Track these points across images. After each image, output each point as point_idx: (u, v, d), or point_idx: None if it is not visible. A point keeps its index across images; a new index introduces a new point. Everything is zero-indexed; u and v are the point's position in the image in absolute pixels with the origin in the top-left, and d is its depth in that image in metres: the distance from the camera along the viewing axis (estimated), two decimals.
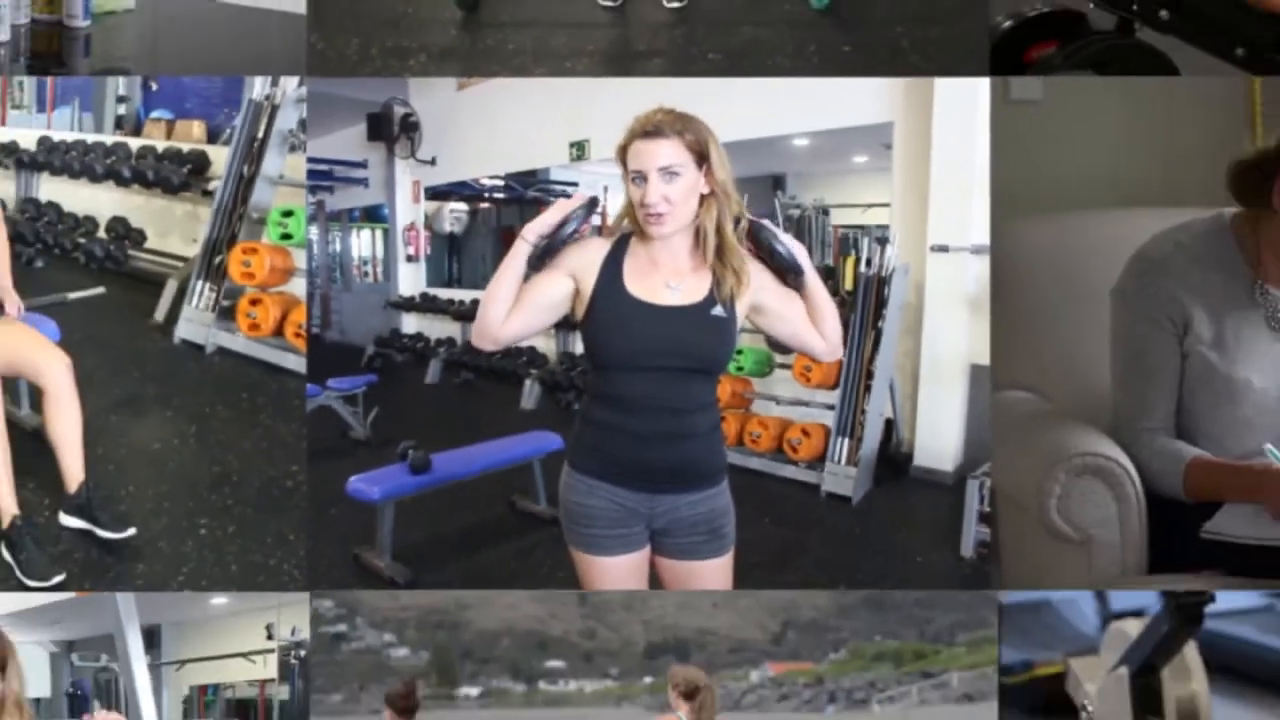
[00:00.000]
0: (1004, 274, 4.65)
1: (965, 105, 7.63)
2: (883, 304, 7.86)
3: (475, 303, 12.06)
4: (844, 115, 9.21)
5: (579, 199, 3.16)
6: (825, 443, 7.98)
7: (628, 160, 3.06)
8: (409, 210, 15.11)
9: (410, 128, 14.25)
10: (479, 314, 3.13)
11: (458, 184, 15.31)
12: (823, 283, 3.27)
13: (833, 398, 8.06)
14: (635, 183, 3.04)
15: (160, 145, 8.69)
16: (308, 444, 5.56)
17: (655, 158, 3.00)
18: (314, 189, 15.41)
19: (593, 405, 3.23)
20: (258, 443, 5.58)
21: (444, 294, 14.50)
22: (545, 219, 3.11)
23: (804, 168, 13.88)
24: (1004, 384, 4.57)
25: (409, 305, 14.65)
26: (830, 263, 12.11)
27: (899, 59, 5.51)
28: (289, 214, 7.00)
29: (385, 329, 14.66)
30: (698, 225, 3.09)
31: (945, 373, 8.17)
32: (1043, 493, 3.69)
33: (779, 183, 14.18)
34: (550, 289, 3.12)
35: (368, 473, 6.08)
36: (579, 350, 10.55)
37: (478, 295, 12.11)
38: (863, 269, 8.00)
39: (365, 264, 18.10)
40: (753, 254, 3.17)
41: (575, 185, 14.76)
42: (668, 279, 3.11)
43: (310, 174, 7.93)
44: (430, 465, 6.17)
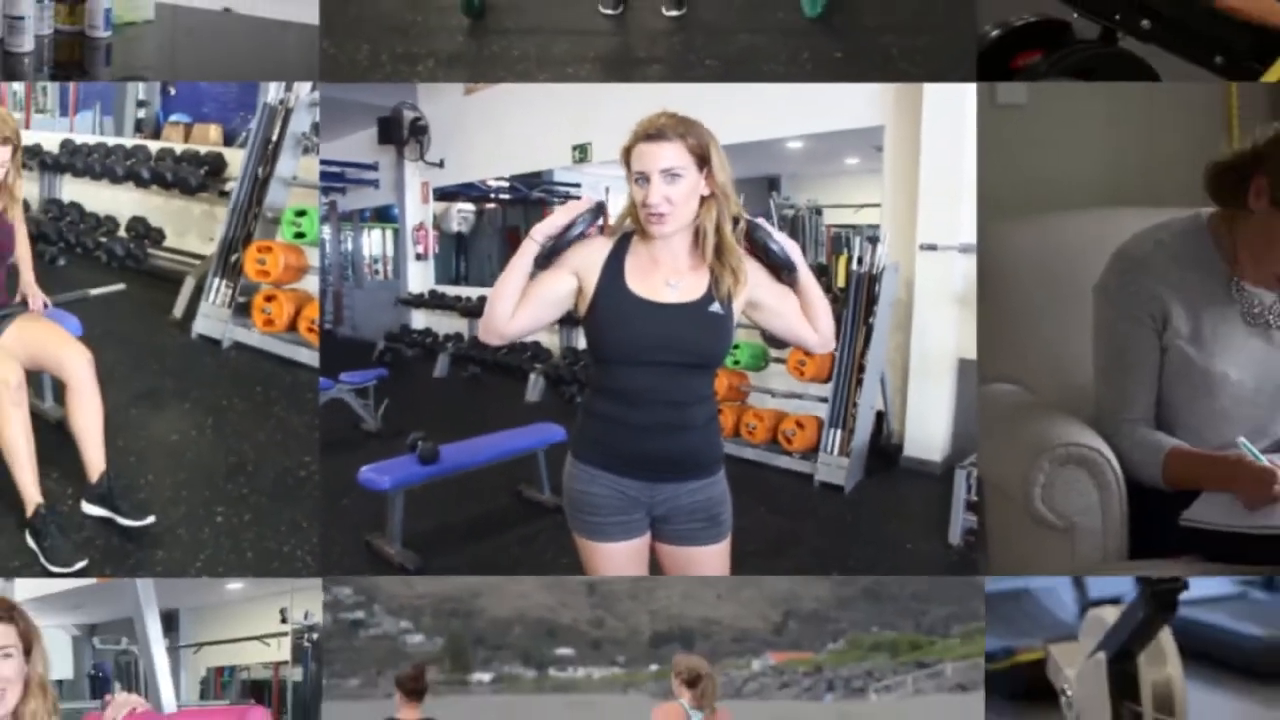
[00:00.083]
0: (990, 272, 4.65)
1: (953, 110, 7.64)
2: (874, 301, 7.87)
3: (482, 299, 12.08)
4: (836, 119, 9.21)
5: (586, 203, 3.18)
6: (818, 434, 7.98)
7: (631, 161, 3.06)
8: (418, 210, 15.11)
9: (419, 131, 14.25)
10: (487, 310, 3.14)
11: (465, 185, 15.30)
12: (816, 280, 3.28)
13: (826, 391, 8.07)
14: (638, 183, 3.05)
15: (178, 148, 8.68)
16: (320, 435, 5.57)
17: (658, 160, 3.01)
18: (327, 190, 15.39)
19: (595, 398, 3.25)
20: (272, 434, 5.58)
21: (451, 291, 14.50)
22: (553, 221, 3.13)
23: (798, 169, 13.84)
24: (990, 377, 4.57)
25: (418, 302, 14.65)
26: (823, 261, 12.10)
27: (889, 65, 5.52)
28: (302, 213, 7.00)
29: (395, 325, 14.66)
30: (697, 225, 3.09)
31: (934, 367, 8.18)
32: (1028, 482, 3.70)
33: (774, 184, 14.15)
34: (555, 286, 3.14)
35: (378, 463, 6.09)
36: (582, 345, 10.55)
37: (484, 292, 12.13)
38: (854, 267, 8.01)
39: (376, 262, 18.09)
40: (749, 252, 3.18)
41: (578, 187, 14.74)
42: (667, 277, 3.12)
43: (323, 175, 7.95)
44: (438, 456, 6.18)
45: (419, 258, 15.26)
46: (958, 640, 12.40)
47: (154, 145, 8.88)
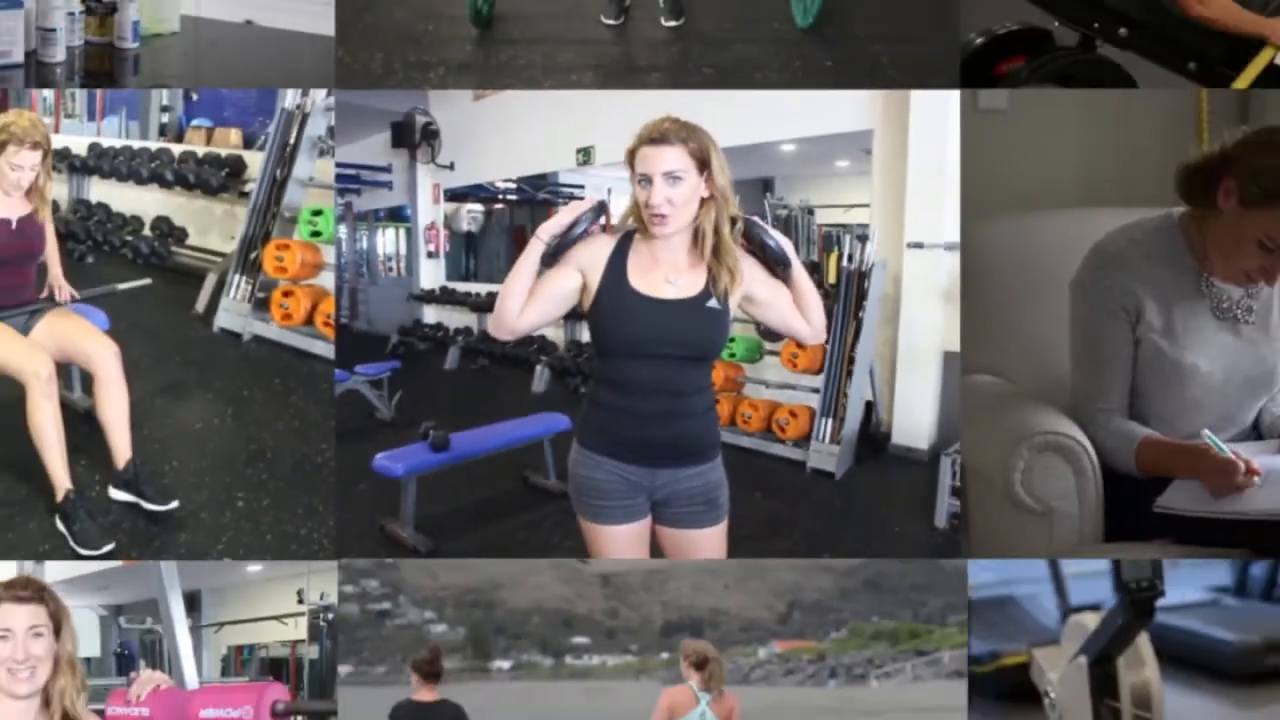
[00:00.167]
0: (973, 269, 4.67)
1: (938, 115, 7.63)
2: (863, 296, 7.87)
3: (491, 295, 12.08)
4: (827, 123, 9.20)
5: (588, 202, 3.20)
6: (810, 423, 7.98)
7: (635, 164, 3.08)
8: (429, 211, 15.09)
9: (430, 135, 14.22)
10: (497, 307, 3.16)
11: (474, 186, 15.28)
12: (808, 275, 3.30)
13: (817, 382, 8.07)
14: (641, 185, 3.07)
15: (200, 151, 8.70)
16: (336, 424, 5.58)
17: (661, 163, 3.03)
18: (343, 191, 15.37)
19: (599, 389, 3.26)
20: (290, 423, 5.60)
21: (462, 287, 14.49)
22: (558, 220, 3.14)
23: (791, 171, 13.83)
24: (973, 369, 4.59)
25: (429, 298, 14.63)
26: (815, 258, 12.08)
27: (877, 73, 5.53)
28: (318, 213, 7.02)
29: (408, 319, 14.64)
30: (697, 226, 3.11)
31: (920, 359, 8.17)
32: (1008, 468, 3.72)
33: (768, 185, 14.14)
34: (561, 283, 3.15)
35: (392, 450, 6.09)
36: (586, 339, 10.54)
37: (493, 288, 12.13)
38: (845, 264, 8.00)
39: (389, 260, 18.06)
40: (745, 248, 3.20)
41: (581, 188, 14.73)
42: (667, 274, 3.14)
43: (339, 178, 7.97)
44: (449, 444, 6.18)
45: (430, 255, 15.24)
46: (955, 629, 12.41)
47: (177, 148, 8.90)
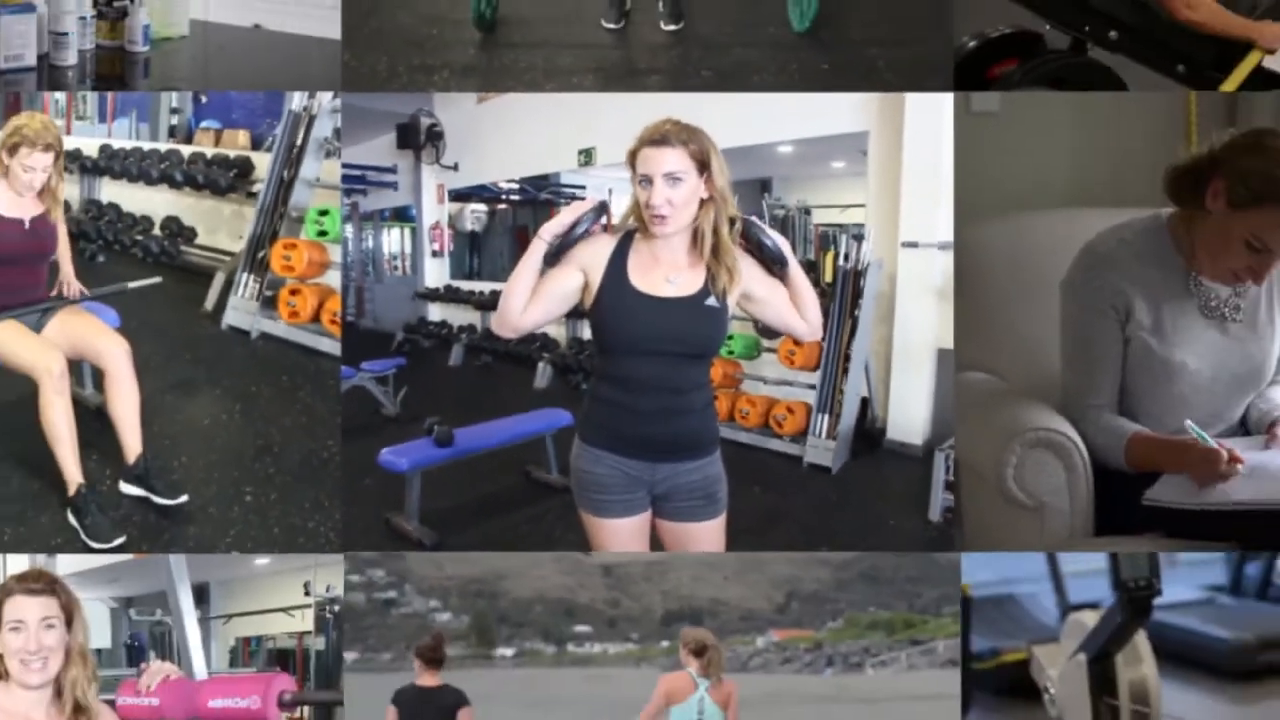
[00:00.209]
0: (967, 268, 4.68)
1: (932, 117, 7.63)
2: (859, 294, 7.87)
3: (494, 293, 12.02)
4: (824, 125, 9.21)
5: (589, 203, 3.20)
6: (807, 419, 7.98)
7: (636, 164, 3.08)
8: (434, 211, 15.09)
9: (435, 137, 14.23)
10: (500, 305, 3.16)
11: (478, 187, 15.30)
12: (804, 274, 3.30)
13: (814, 378, 8.07)
14: (642, 185, 3.07)
15: (209, 152, 8.70)
16: (342, 420, 5.59)
17: (661, 164, 3.03)
18: (349, 191, 15.37)
19: (600, 385, 3.27)
20: (297, 418, 5.60)
21: (465, 286, 14.50)
22: (560, 220, 3.15)
23: (788, 172, 13.85)
24: (966, 366, 4.59)
25: (434, 296, 14.63)
26: (812, 257, 12.10)
27: (873, 76, 5.54)
28: (325, 213, 7.01)
29: (413, 317, 14.64)
30: (696, 226, 3.11)
31: (915, 356, 8.17)
32: (1000, 464, 3.72)
33: (766, 186, 14.16)
34: (564, 282, 3.15)
35: (397, 446, 6.10)
36: (587, 336, 10.55)
37: (496, 286, 12.13)
38: (841, 263, 8.01)
39: (395, 259, 18.06)
40: (743, 247, 3.20)
41: (583, 188, 14.75)
42: (667, 273, 3.14)
43: (345, 178, 8.00)
44: (453, 439, 6.19)
45: (435, 255, 15.25)
46: (949, 619, 12.44)
47: (186, 150, 8.90)
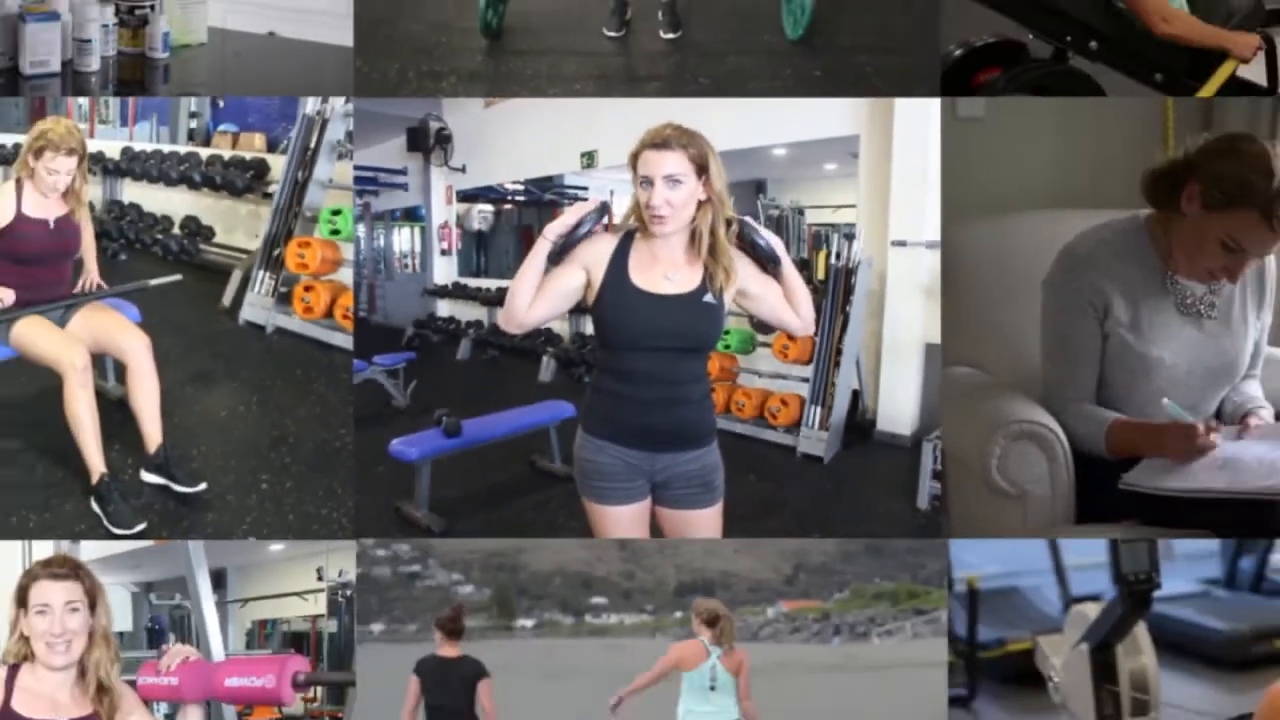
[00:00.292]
0: (953, 266, 4.68)
1: (920, 122, 7.63)
2: (850, 291, 7.88)
3: (500, 290, 12.08)
4: (816, 129, 9.21)
5: (592, 204, 3.21)
6: (800, 411, 8.00)
7: (638, 167, 3.10)
8: (443, 211, 15.10)
9: (444, 140, 14.23)
10: (507, 302, 3.17)
11: (485, 188, 15.29)
12: (798, 271, 3.32)
13: (807, 372, 8.08)
14: (643, 187, 3.09)
15: (226, 154, 8.70)
16: (355, 411, 5.59)
17: (662, 166, 3.04)
18: (361, 192, 15.36)
19: (602, 378, 3.29)
20: (311, 410, 5.62)
21: (473, 283, 14.50)
22: (563, 221, 3.16)
23: (782, 174, 13.84)
24: (953, 360, 4.60)
25: (443, 292, 14.63)
26: (805, 256, 12.11)
27: (863, 82, 5.53)
28: (337, 212, 7.02)
29: (423, 313, 14.64)
30: (694, 227, 3.13)
31: (903, 351, 8.18)
32: (985, 454, 3.73)
33: (760, 187, 14.16)
34: (567, 280, 3.17)
35: (407, 436, 6.11)
36: (590, 331, 10.54)
37: (502, 284, 12.12)
38: (833, 261, 8.03)
39: (405, 257, 18.06)
40: (739, 247, 3.22)
41: (585, 189, 14.74)
42: (666, 271, 3.16)
43: (357, 180, 7.98)
44: (461, 430, 6.19)
45: (444, 253, 15.26)
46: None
47: (205, 152, 8.90)
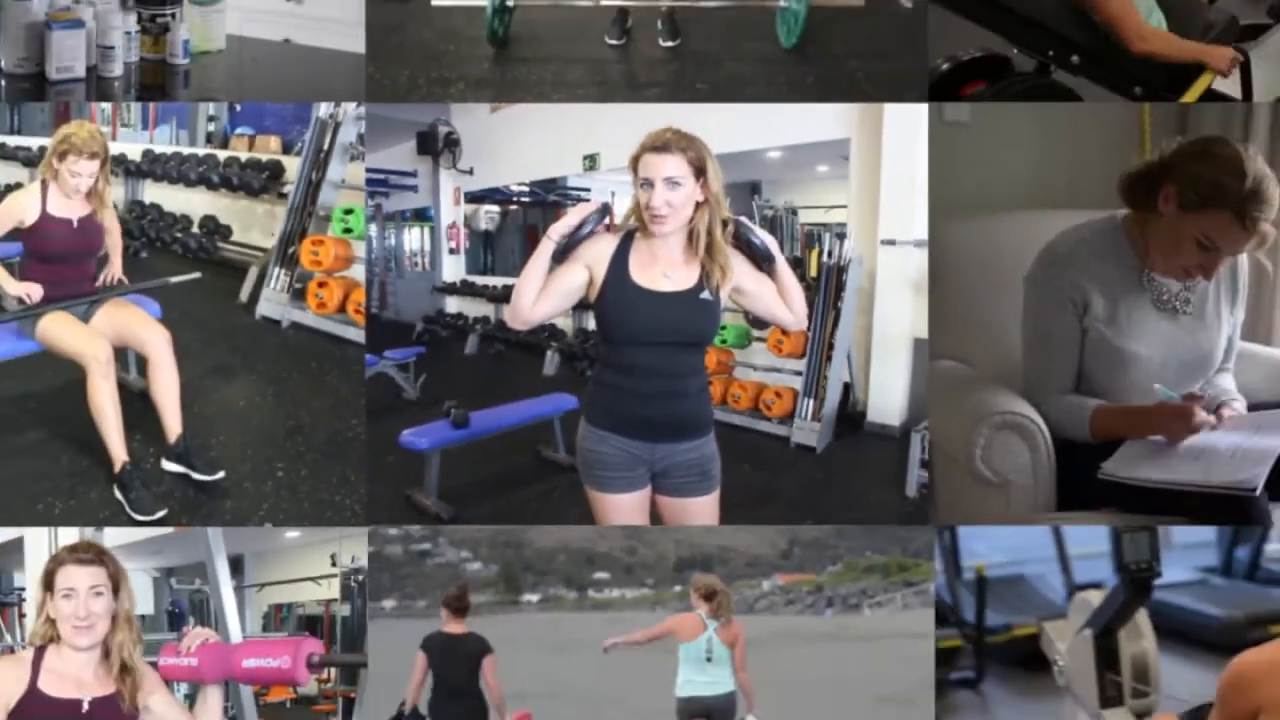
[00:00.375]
0: (940, 264, 4.70)
1: (908, 126, 7.62)
2: (841, 288, 7.89)
3: (507, 287, 12.08)
4: (809, 133, 9.20)
5: (594, 204, 3.22)
6: (794, 402, 8.00)
7: (638, 169, 3.11)
8: (451, 211, 15.07)
9: (452, 144, 14.20)
10: (513, 300, 3.19)
11: (491, 190, 15.26)
12: (791, 269, 3.33)
13: (800, 365, 8.09)
14: (643, 188, 3.10)
15: (243, 156, 8.71)
16: (367, 403, 5.59)
17: (662, 169, 3.06)
18: (373, 194, 15.33)
19: (604, 372, 3.30)
20: (325, 401, 5.63)
21: (480, 280, 14.47)
22: (566, 221, 3.17)
23: (776, 176, 13.82)
24: (939, 354, 4.61)
25: (451, 289, 14.61)
26: (799, 254, 12.10)
27: (854, 88, 5.56)
28: (349, 212, 7.05)
29: (432, 309, 14.61)
30: (692, 227, 3.14)
31: (892, 345, 8.18)
32: (970, 444, 3.74)
33: (756, 188, 14.14)
34: (570, 278, 3.18)
35: (417, 427, 6.11)
36: (592, 327, 10.53)
37: (508, 281, 12.12)
38: (825, 259, 8.03)
39: (415, 256, 18.02)
40: (735, 245, 3.23)
41: (588, 191, 14.72)
42: (665, 269, 3.17)
43: (369, 182, 7.98)
44: (469, 421, 6.20)
45: (452, 252, 15.24)
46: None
47: (222, 154, 8.91)
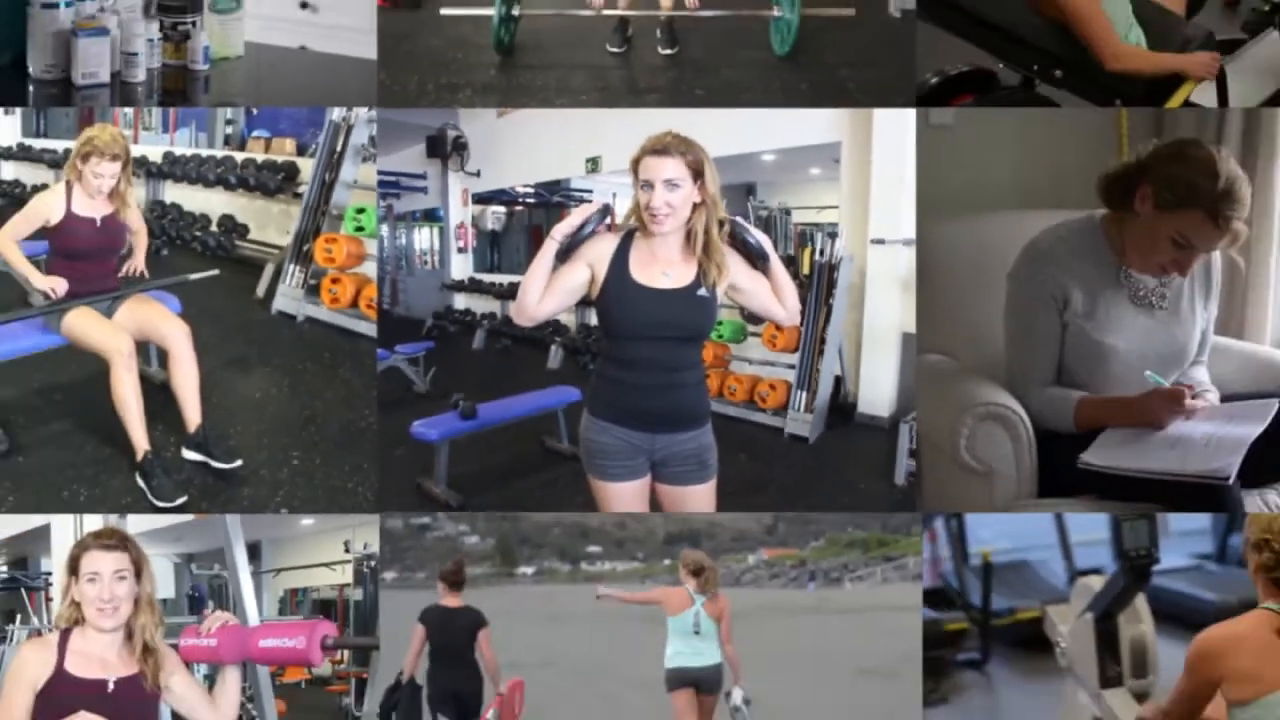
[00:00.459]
0: (927, 262, 4.70)
1: (896, 130, 7.60)
2: (833, 285, 7.89)
3: (512, 285, 12.09)
4: (802, 136, 9.19)
5: (595, 206, 3.24)
6: (787, 395, 8.00)
7: (639, 171, 3.13)
8: (459, 212, 15.07)
9: (460, 147, 14.21)
10: (518, 298, 3.21)
11: (497, 191, 15.26)
12: (784, 267, 3.34)
13: (793, 359, 8.09)
14: (643, 189, 3.12)
15: (259, 158, 8.71)
16: (378, 396, 5.61)
17: (661, 171, 3.08)
18: (384, 195, 15.29)
19: (606, 365, 3.32)
20: (338, 392, 5.65)
21: (487, 278, 14.48)
22: (569, 222, 3.19)
23: (771, 178, 13.81)
24: (926, 348, 4.61)
25: (459, 287, 14.61)
26: (792, 253, 12.09)
27: (845, 94, 5.59)
28: (361, 210, 7.07)
29: (441, 306, 14.61)
30: (690, 227, 3.16)
31: (881, 340, 8.18)
32: (954, 434, 3.75)
33: (751, 189, 14.12)
34: (573, 277, 3.20)
35: (427, 419, 6.12)
36: (594, 322, 10.53)
37: (514, 279, 12.13)
38: (817, 258, 8.03)
39: (425, 254, 18.00)
40: (730, 244, 3.25)
41: (590, 192, 14.71)
42: (664, 267, 3.19)
43: (381, 184, 7.97)
44: (476, 413, 6.21)
45: (460, 251, 15.24)
46: (920, 538, 12.63)
47: (239, 156, 8.92)
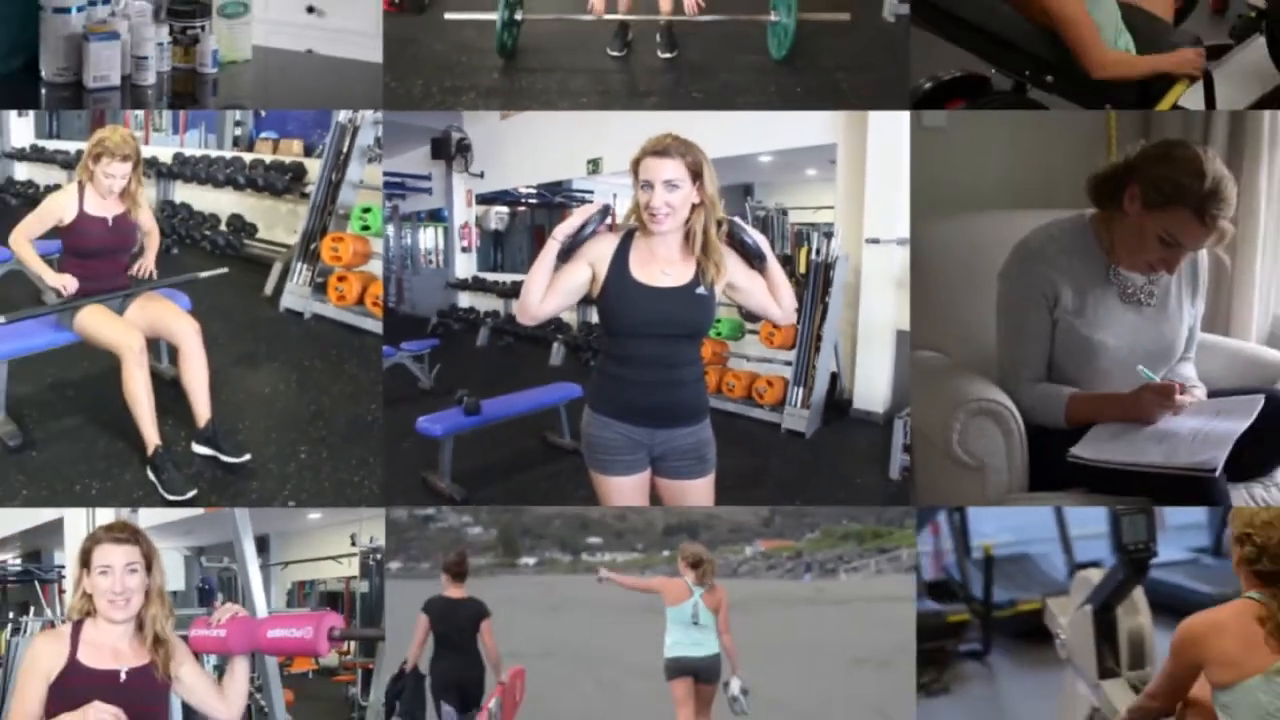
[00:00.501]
0: (921, 261, 4.71)
1: (891, 132, 7.61)
2: (829, 284, 7.90)
3: (516, 283, 12.10)
4: (798, 138, 9.20)
5: (596, 206, 3.25)
6: (784, 391, 8.01)
7: (639, 172, 3.14)
8: (463, 212, 15.08)
9: (464, 149, 14.21)
10: (521, 297, 3.22)
11: (501, 192, 15.26)
12: (781, 266, 3.35)
13: (790, 356, 8.10)
14: (643, 190, 3.13)
15: (268, 159, 8.72)
16: (385, 392, 5.61)
17: (661, 171, 3.09)
18: (390, 196, 15.32)
19: (606, 362, 3.33)
20: (345, 388, 5.65)
21: (490, 277, 14.49)
22: (570, 223, 3.20)
23: (768, 179, 13.82)
24: (920, 345, 4.62)
25: (463, 285, 14.62)
26: (789, 252, 12.06)
27: (840, 97, 5.60)
28: (367, 210, 7.06)
29: (445, 304, 14.62)
30: (688, 227, 3.16)
31: (876, 337, 8.19)
32: (947, 429, 3.76)
33: (748, 190, 14.12)
34: (575, 276, 3.21)
35: (432, 414, 6.12)
36: (595, 320, 10.54)
37: (517, 277, 12.14)
38: (813, 257, 8.04)
39: (430, 254, 17.99)
40: (728, 244, 3.25)
41: (591, 193, 14.72)
42: (663, 266, 3.20)
43: (386, 185, 7.94)
44: (480, 409, 6.22)
45: (464, 250, 15.25)
46: (912, 531, 12.64)
47: (248, 157, 8.92)
